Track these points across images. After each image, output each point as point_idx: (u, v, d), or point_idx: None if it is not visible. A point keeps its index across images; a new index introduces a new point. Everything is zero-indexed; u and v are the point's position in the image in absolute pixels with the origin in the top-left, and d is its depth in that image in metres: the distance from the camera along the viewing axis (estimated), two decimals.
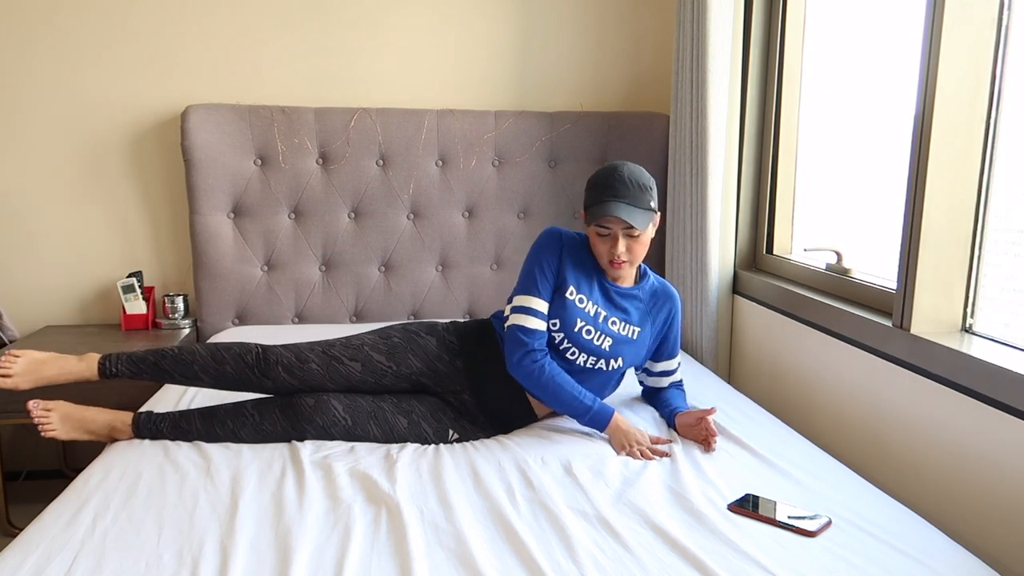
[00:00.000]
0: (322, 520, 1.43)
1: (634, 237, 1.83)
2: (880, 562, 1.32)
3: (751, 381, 2.54)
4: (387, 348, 1.89)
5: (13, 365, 1.81)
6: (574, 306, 1.87)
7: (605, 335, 1.89)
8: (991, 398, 1.55)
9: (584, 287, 1.90)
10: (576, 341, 1.87)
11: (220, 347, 1.86)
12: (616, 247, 1.83)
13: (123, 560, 1.28)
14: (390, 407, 1.85)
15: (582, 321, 1.87)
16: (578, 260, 1.92)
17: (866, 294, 2.06)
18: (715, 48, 2.40)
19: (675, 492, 1.57)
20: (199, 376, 1.84)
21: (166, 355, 1.85)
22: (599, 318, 1.89)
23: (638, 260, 1.88)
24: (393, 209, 2.77)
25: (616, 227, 1.82)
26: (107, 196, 2.74)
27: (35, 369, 1.82)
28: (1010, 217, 1.73)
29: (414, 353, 1.90)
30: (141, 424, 1.80)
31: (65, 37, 2.64)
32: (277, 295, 2.76)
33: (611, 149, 2.85)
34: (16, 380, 1.80)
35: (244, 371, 1.82)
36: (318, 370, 1.84)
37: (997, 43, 1.68)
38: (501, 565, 1.29)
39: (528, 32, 2.86)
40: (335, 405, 1.81)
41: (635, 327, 1.92)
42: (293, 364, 1.83)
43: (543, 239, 1.93)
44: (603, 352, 1.89)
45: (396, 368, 1.88)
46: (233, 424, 1.79)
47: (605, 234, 1.84)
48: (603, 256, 1.87)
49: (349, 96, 2.80)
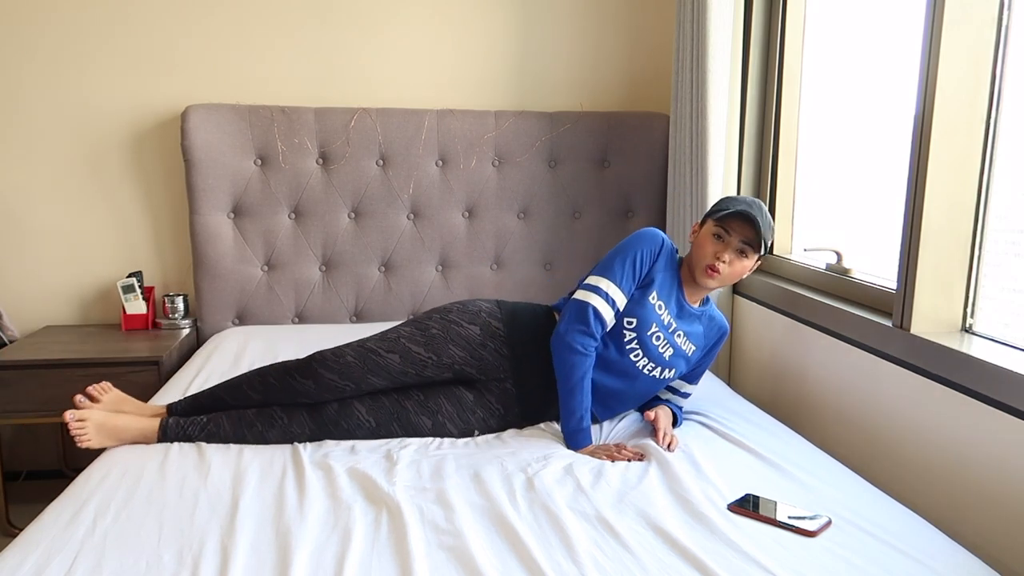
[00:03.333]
0: (322, 520, 1.43)
1: (742, 256, 1.85)
2: (880, 562, 1.32)
3: (751, 381, 2.54)
4: (425, 339, 1.88)
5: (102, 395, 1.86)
6: (653, 310, 1.89)
7: (669, 345, 1.91)
8: (991, 398, 1.55)
9: (664, 294, 1.91)
10: (644, 344, 1.88)
11: (261, 368, 1.92)
12: (724, 252, 1.83)
13: (123, 560, 1.28)
14: (414, 407, 1.85)
15: (656, 326, 1.88)
16: (668, 266, 1.94)
17: (866, 294, 2.06)
18: (715, 48, 2.40)
19: (675, 492, 1.57)
20: (251, 395, 1.86)
21: (218, 385, 1.92)
22: (669, 328, 1.90)
23: (728, 281, 1.89)
24: (393, 209, 2.77)
25: (735, 236, 1.83)
26: (107, 196, 2.74)
27: (116, 404, 1.86)
28: (1010, 217, 1.73)
29: (455, 343, 1.89)
30: (169, 430, 1.80)
31: (65, 37, 2.64)
32: (277, 295, 2.76)
33: (611, 149, 2.85)
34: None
35: (286, 378, 1.85)
36: (355, 362, 1.84)
37: (997, 43, 1.68)
38: (501, 565, 1.29)
39: (528, 32, 2.86)
40: (358, 408, 1.83)
41: (692, 345, 1.95)
42: (329, 358, 1.85)
43: (646, 234, 1.93)
44: (663, 361, 1.90)
45: (437, 358, 1.87)
46: (262, 427, 1.80)
47: (721, 236, 1.85)
48: (706, 256, 1.86)
49: (349, 96, 2.80)
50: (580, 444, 1.81)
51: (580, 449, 1.80)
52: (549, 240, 2.87)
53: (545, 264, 2.90)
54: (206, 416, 1.83)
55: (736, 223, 1.83)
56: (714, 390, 2.23)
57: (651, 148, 2.85)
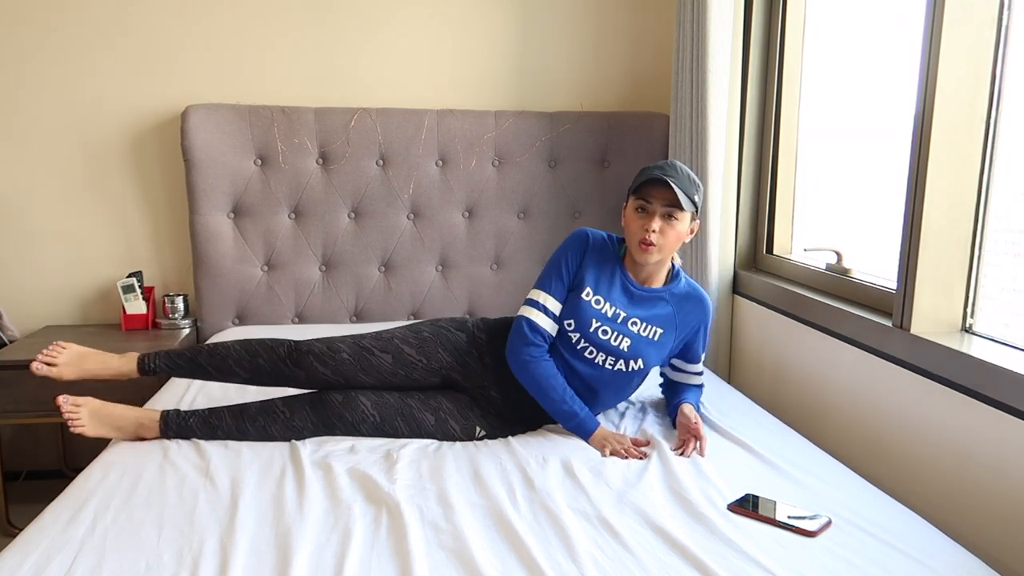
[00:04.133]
0: (322, 520, 1.43)
1: (671, 220, 1.81)
2: (880, 562, 1.32)
3: (751, 381, 2.54)
4: (417, 342, 1.91)
5: (59, 356, 1.86)
6: (589, 306, 1.88)
7: (623, 335, 1.89)
8: (991, 398, 1.55)
9: (603, 288, 1.90)
10: (592, 341, 1.88)
11: (253, 342, 1.90)
12: (651, 223, 1.80)
13: (123, 560, 1.28)
14: (417, 404, 1.87)
15: (597, 321, 1.88)
16: (601, 259, 1.93)
17: (866, 294, 2.06)
18: (715, 48, 2.40)
19: (675, 492, 1.57)
20: (234, 371, 1.87)
21: (201, 351, 1.89)
22: (617, 319, 1.89)
23: (668, 250, 1.84)
24: (393, 209, 2.77)
25: (656, 203, 1.80)
26: (107, 196, 2.74)
27: (79, 361, 1.87)
28: (1010, 217, 1.73)
29: (444, 347, 1.92)
30: (170, 422, 1.80)
31: (65, 37, 2.64)
32: (277, 295, 2.76)
33: (611, 149, 2.85)
34: (60, 370, 1.85)
35: (277, 363, 1.86)
36: (349, 359, 1.86)
37: (997, 43, 1.68)
38: (501, 565, 1.29)
39: (528, 32, 2.86)
40: (363, 401, 1.84)
41: (657, 328, 1.91)
42: (325, 354, 1.86)
43: (569, 239, 1.95)
44: (622, 352, 1.89)
45: (426, 362, 1.90)
46: (264, 420, 1.80)
47: (644, 208, 1.82)
48: (635, 235, 1.84)
49: (349, 96, 2.80)
50: (589, 430, 1.83)
51: (591, 435, 1.82)
52: (549, 240, 2.87)
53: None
54: (207, 408, 1.84)
55: (652, 190, 1.80)
56: (714, 389, 2.23)
57: (651, 148, 2.85)
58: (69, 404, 1.78)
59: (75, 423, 1.77)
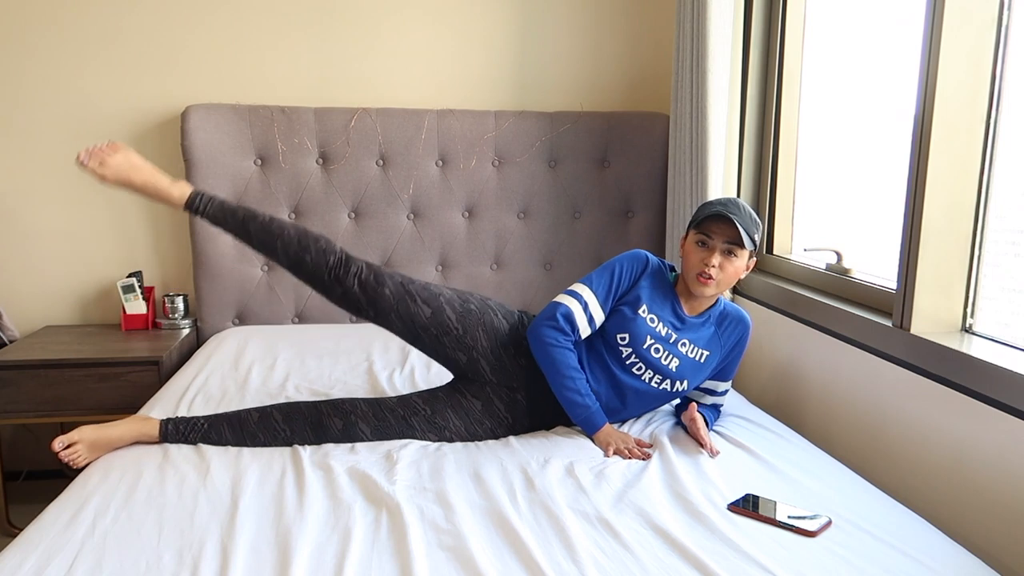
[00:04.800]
0: (322, 520, 1.43)
1: (730, 257, 1.83)
2: (880, 562, 1.32)
3: (751, 381, 2.54)
4: (462, 310, 1.89)
5: (111, 158, 1.81)
6: (645, 323, 1.88)
7: (673, 355, 1.89)
8: (991, 398, 1.55)
9: (656, 308, 1.91)
10: (643, 357, 1.87)
11: (309, 235, 1.85)
12: (711, 258, 1.82)
13: (123, 560, 1.28)
14: (420, 424, 1.84)
15: (651, 339, 1.87)
16: (657, 283, 1.94)
17: (866, 294, 2.06)
18: (715, 48, 2.40)
19: (675, 492, 1.57)
20: (277, 253, 1.83)
21: (256, 217, 1.85)
22: (669, 339, 1.89)
23: (725, 284, 1.86)
24: (393, 209, 2.77)
25: (717, 239, 1.82)
26: (107, 196, 2.74)
27: (127, 170, 1.82)
28: (1010, 217, 1.73)
29: (484, 329, 1.89)
30: (169, 435, 1.78)
31: (65, 37, 2.64)
32: (277, 295, 2.75)
33: (611, 149, 2.85)
34: (106, 171, 1.80)
35: (320, 269, 1.82)
36: (389, 297, 1.84)
37: (997, 44, 1.68)
38: (501, 565, 1.29)
39: (528, 32, 2.86)
40: (363, 429, 1.81)
41: (704, 351, 1.93)
42: (369, 281, 1.83)
43: (629, 254, 1.96)
44: (669, 372, 1.89)
45: (461, 332, 1.87)
46: (264, 437, 1.78)
47: (704, 243, 1.84)
48: (694, 267, 1.85)
49: (349, 96, 2.80)
50: (597, 425, 1.82)
51: (596, 432, 1.81)
52: (549, 240, 2.87)
53: (545, 264, 2.90)
54: (207, 421, 1.80)
55: (715, 225, 1.82)
56: None
57: (651, 148, 2.85)
58: (64, 448, 1.72)
59: (75, 462, 1.74)
